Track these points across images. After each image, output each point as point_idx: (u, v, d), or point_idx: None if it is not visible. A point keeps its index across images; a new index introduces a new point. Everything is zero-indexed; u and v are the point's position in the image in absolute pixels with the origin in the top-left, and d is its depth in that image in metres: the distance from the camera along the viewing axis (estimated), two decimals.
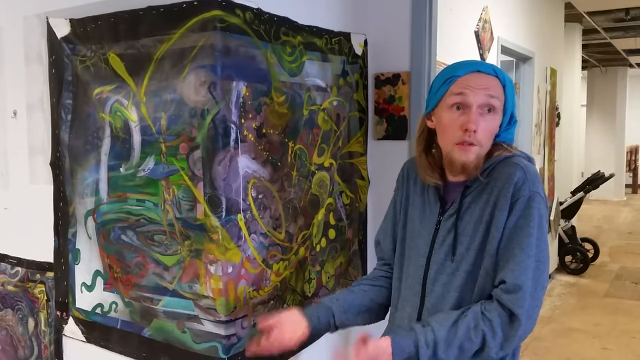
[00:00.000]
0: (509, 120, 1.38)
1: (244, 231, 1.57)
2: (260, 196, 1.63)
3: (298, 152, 1.78)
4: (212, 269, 1.53)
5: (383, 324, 1.63)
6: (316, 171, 1.87)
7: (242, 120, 1.54)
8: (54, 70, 1.82)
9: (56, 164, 1.86)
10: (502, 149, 1.37)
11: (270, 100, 1.64)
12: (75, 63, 1.76)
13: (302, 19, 1.78)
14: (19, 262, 2.04)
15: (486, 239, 1.31)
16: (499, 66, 3.98)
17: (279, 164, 1.70)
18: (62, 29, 1.77)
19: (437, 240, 1.39)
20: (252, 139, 1.58)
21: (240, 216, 1.55)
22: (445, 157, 1.38)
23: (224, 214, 1.50)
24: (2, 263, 2.10)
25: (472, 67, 1.34)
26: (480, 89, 1.31)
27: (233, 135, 1.51)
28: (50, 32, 1.81)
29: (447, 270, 1.35)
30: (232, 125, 1.51)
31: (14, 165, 2.03)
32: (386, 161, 2.16)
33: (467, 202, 1.36)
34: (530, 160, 1.38)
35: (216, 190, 1.50)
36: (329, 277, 1.99)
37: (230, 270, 1.53)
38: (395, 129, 2.15)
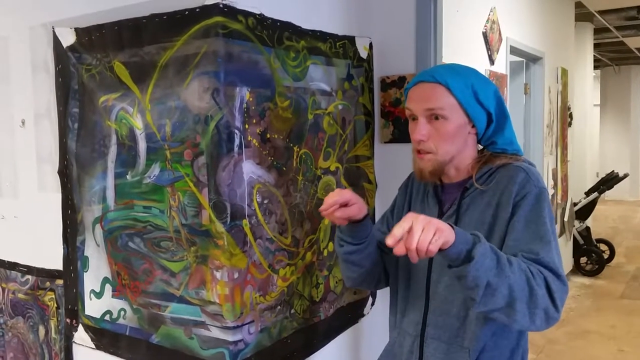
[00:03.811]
0: (489, 118, 1.37)
1: (250, 236, 1.57)
2: (265, 201, 1.63)
3: (303, 156, 1.78)
4: (218, 274, 1.53)
5: (385, 339, 1.62)
6: (322, 175, 1.87)
7: (246, 126, 1.54)
8: (60, 79, 1.84)
9: (64, 172, 1.88)
10: (505, 158, 1.38)
11: (274, 105, 1.64)
12: (81, 72, 1.78)
13: (306, 24, 1.78)
14: (29, 270, 2.06)
15: (489, 240, 1.29)
16: (508, 67, 3.97)
17: (284, 168, 1.70)
18: (68, 38, 1.79)
19: None
20: (257, 144, 1.58)
21: (245, 221, 1.55)
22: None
23: (229, 219, 1.50)
24: (12, 271, 2.12)
25: (416, 78, 1.39)
26: (420, 102, 1.34)
27: (237, 141, 1.51)
28: (56, 42, 1.82)
29: (450, 273, 1.34)
30: (236, 131, 1.51)
31: (23, 174, 2.05)
32: (393, 164, 2.15)
33: (465, 203, 1.36)
34: (533, 166, 1.38)
35: (221, 196, 1.50)
36: (336, 282, 1.98)
37: (236, 275, 1.53)
38: (402, 132, 2.14)
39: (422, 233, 1.06)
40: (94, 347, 1.87)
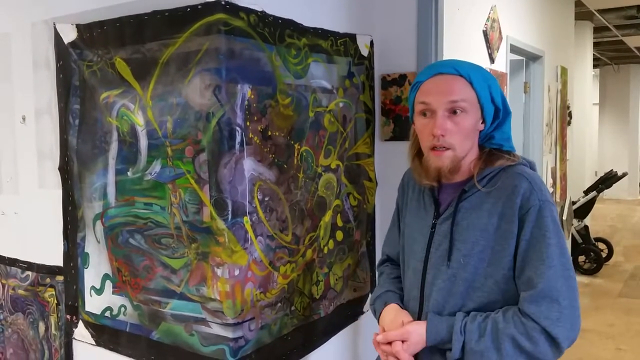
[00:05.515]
0: (496, 114, 1.34)
1: (251, 234, 1.57)
2: (266, 198, 1.63)
3: (304, 154, 1.78)
4: (219, 271, 1.53)
5: None
6: (323, 173, 1.87)
7: (248, 123, 1.55)
8: (61, 76, 1.84)
9: (65, 169, 1.88)
10: (503, 159, 1.34)
11: (275, 102, 1.64)
12: (82, 68, 1.78)
13: (307, 21, 1.78)
14: (29, 266, 2.06)
15: (489, 249, 1.28)
16: (508, 65, 3.97)
17: (285, 166, 1.70)
18: (69, 35, 1.79)
19: (433, 244, 1.37)
20: (258, 141, 1.58)
21: (246, 219, 1.55)
22: (424, 162, 1.37)
23: (230, 216, 1.51)
24: (12, 267, 2.12)
25: (433, 70, 1.33)
26: (442, 94, 1.29)
27: (238, 138, 1.52)
28: (58, 38, 1.82)
29: (444, 276, 1.33)
30: (238, 128, 1.51)
31: (23, 170, 2.04)
32: (393, 162, 2.15)
33: (463, 207, 1.33)
34: (532, 166, 1.36)
35: (222, 193, 1.50)
36: (336, 279, 1.99)
37: (237, 272, 1.53)
38: (402, 130, 2.14)
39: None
40: (94, 343, 1.87)
